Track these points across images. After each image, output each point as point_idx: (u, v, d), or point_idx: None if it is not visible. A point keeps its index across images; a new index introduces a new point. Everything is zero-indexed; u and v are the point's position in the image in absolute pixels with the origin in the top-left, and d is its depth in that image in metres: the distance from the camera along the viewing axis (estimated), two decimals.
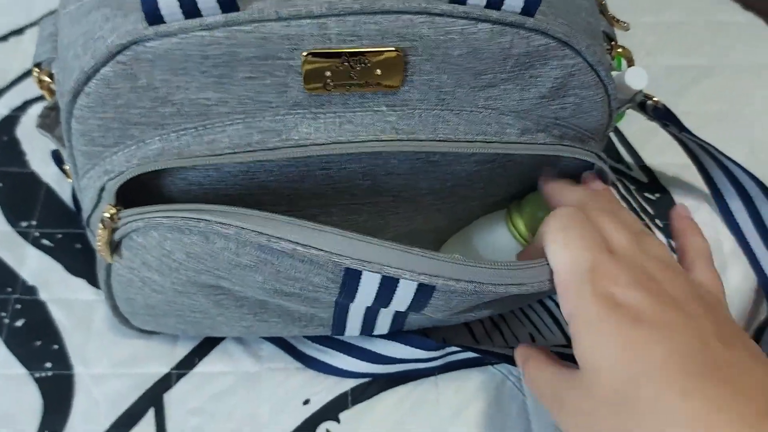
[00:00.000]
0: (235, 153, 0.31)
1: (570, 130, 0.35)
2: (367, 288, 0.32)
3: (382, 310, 0.36)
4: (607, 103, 0.34)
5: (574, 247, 0.30)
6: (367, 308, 0.35)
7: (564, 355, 0.41)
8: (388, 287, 0.31)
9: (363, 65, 0.30)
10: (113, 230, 0.32)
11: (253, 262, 0.31)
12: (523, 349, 0.35)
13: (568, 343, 0.43)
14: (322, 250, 0.30)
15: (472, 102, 0.32)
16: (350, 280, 0.31)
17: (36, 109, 0.50)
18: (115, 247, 0.33)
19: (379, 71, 0.30)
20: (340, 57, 0.29)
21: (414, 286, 0.31)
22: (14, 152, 0.48)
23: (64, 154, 0.35)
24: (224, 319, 0.37)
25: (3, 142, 0.49)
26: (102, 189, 0.33)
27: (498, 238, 0.39)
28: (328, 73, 0.30)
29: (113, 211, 0.31)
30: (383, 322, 0.37)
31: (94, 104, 0.30)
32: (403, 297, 0.32)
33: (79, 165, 0.33)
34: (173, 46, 0.28)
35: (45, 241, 0.45)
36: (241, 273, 0.32)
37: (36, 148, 0.48)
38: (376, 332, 0.39)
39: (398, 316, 0.37)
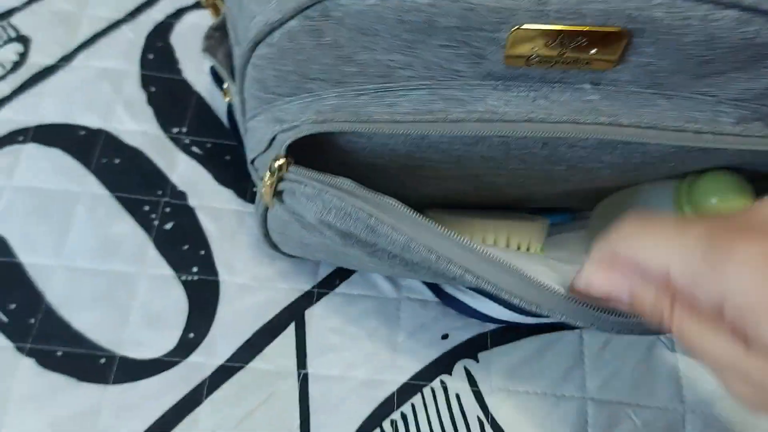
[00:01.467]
0: (414, 121, 0.29)
1: None
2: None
3: None
4: None
5: None
6: None
7: None
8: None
9: (578, 44, 0.27)
10: (280, 179, 0.31)
11: (414, 260, 0.29)
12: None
13: None
14: (491, 283, 0.28)
15: (689, 88, 0.29)
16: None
17: (191, 17, 0.50)
18: (276, 193, 0.32)
19: (594, 51, 0.27)
20: (555, 35, 0.26)
21: None
22: (168, 59, 0.48)
23: (232, 87, 0.34)
24: (374, 266, 0.36)
25: (157, 48, 0.49)
26: (273, 139, 0.31)
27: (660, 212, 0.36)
28: (535, 48, 0.27)
29: (283, 161, 0.30)
30: None
31: (274, 56, 0.28)
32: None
33: (248, 107, 0.32)
34: (368, 8, 0.26)
35: (195, 149, 0.45)
36: (398, 253, 0.30)
37: (189, 57, 0.48)
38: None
39: None
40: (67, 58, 0.47)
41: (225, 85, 0.39)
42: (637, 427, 0.37)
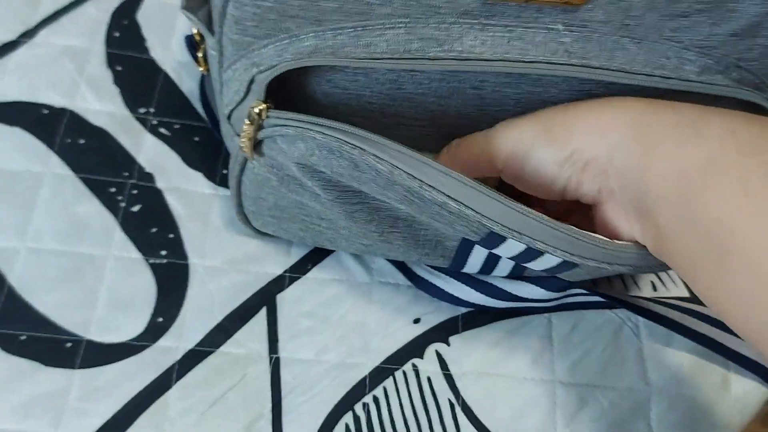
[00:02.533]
0: (392, 59, 0.29)
1: (750, 75, 0.32)
2: (509, 249, 0.30)
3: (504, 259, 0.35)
4: None
5: None
6: (490, 256, 0.34)
7: (684, 309, 0.40)
8: (530, 254, 0.30)
9: None
10: (259, 127, 0.31)
11: (399, 197, 0.30)
12: None
13: (692, 297, 0.41)
14: (473, 210, 0.28)
15: (657, 31, 0.30)
16: (494, 239, 0.30)
17: None
18: (256, 145, 0.32)
19: None
20: None
21: (558, 260, 0.30)
22: (134, 36, 0.47)
23: (209, 41, 0.33)
24: (348, 234, 0.36)
25: (123, 26, 0.48)
26: (251, 81, 0.31)
27: None
28: None
29: (263, 106, 0.30)
30: (505, 266, 0.36)
31: None
32: (543, 264, 0.31)
33: (226, 55, 0.32)
34: None
35: (163, 130, 0.44)
36: (385, 195, 0.30)
37: (156, 34, 0.47)
38: (494, 274, 0.38)
39: (521, 267, 0.35)
40: (28, 34, 0.46)
41: (200, 54, 0.38)
42: (604, 409, 0.38)
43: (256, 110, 0.30)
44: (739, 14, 0.29)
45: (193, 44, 0.38)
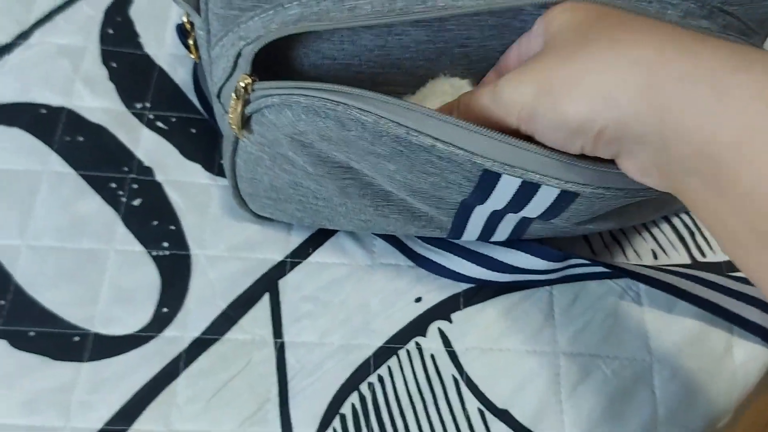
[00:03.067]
0: (377, 17, 0.29)
1: (735, 20, 0.32)
2: (504, 191, 0.30)
3: (508, 215, 0.34)
4: None
5: None
6: (492, 213, 0.34)
7: (686, 275, 0.39)
8: (526, 192, 0.30)
9: None
10: (246, 102, 0.31)
11: (388, 152, 0.30)
12: None
13: (693, 264, 0.41)
14: (462, 149, 0.28)
15: None
16: (487, 181, 0.30)
17: None
18: (245, 121, 0.32)
19: None
20: None
21: (556, 192, 0.29)
22: (128, 33, 0.47)
23: (197, 22, 0.34)
24: (344, 210, 0.36)
25: (116, 23, 0.48)
26: (238, 55, 0.31)
27: None
28: None
29: (248, 80, 0.30)
30: (504, 229, 0.36)
31: None
32: (540, 203, 0.31)
33: (213, 31, 0.32)
34: None
35: (159, 124, 0.44)
36: (374, 161, 0.31)
37: (149, 30, 0.48)
38: (494, 239, 0.38)
39: (522, 224, 0.35)
40: (23, 36, 0.46)
41: (191, 41, 0.38)
42: (607, 377, 0.38)
43: (242, 84, 0.30)
44: None
45: (183, 32, 0.38)
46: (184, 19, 0.38)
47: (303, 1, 0.30)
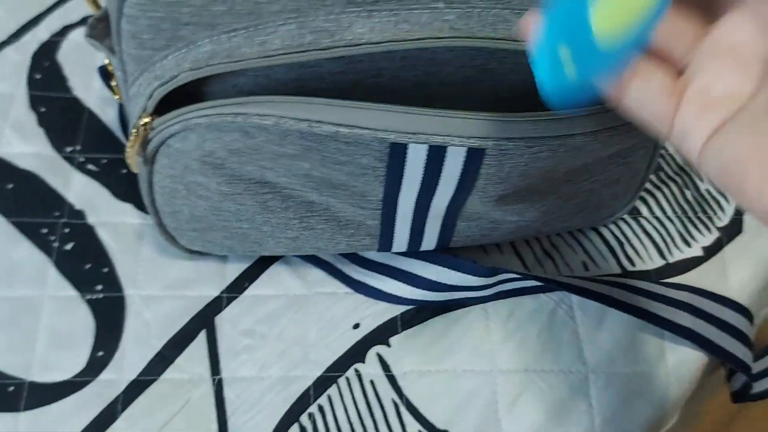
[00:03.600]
0: (287, 54, 0.30)
1: None
2: (414, 164, 0.32)
3: (430, 216, 0.36)
4: None
5: None
6: (416, 207, 0.35)
7: (617, 284, 0.40)
8: (436, 159, 0.31)
9: None
10: (146, 139, 0.32)
11: (298, 150, 0.31)
12: None
13: (623, 273, 0.42)
14: (365, 128, 0.30)
15: (536, 1, 0.31)
16: (396, 156, 0.31)
17: (76, 34, 0.49)
18: (152, 156, 0.33)
19: None
20: None
21: (463, 153, 0.31)
22: (56, 77, 0.47)
23: (114, 63, 0.34)
24: (270, 229, 0.37)
25: (45, 68, 0.48)
26: (151, 96, 0.32)
27: None
28: None
29: (147, 119, 0.31)
30: (431, 230, 0.37)
31: (144, 2, 0.29)
32: (453, 170, 0.32)
33: (129, 71, 0.33)
34: None
35: (90, 166, 0.44)
36: (287, 162, 0.31)
37: (77, 73, 0.48)
38: (424, 246, 0.39)
39: (447, 220, 0.36)
40: None
41: (113, 82, 0.38)
42: (543, 392, 0.38)
43: (141, 122, 0.31)
44: None
45: (106, 74, 0.39)
46: (106, 61, 0.38)
47: (214, 38, 0.30)
